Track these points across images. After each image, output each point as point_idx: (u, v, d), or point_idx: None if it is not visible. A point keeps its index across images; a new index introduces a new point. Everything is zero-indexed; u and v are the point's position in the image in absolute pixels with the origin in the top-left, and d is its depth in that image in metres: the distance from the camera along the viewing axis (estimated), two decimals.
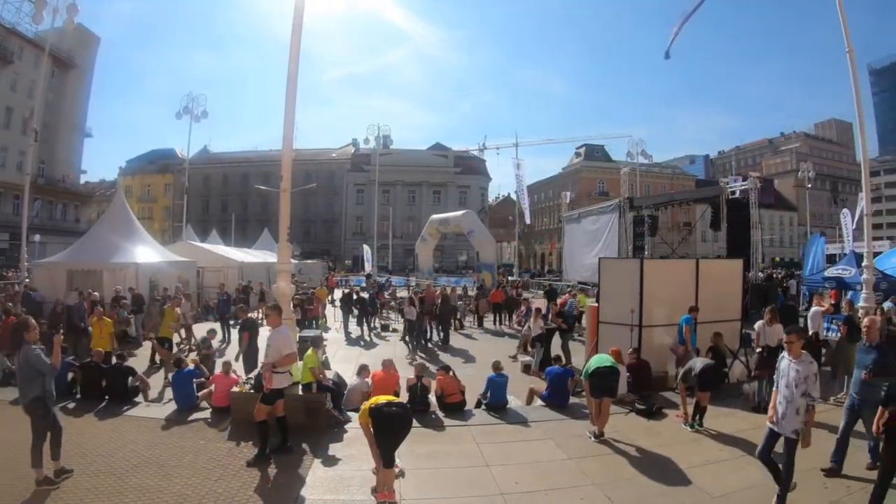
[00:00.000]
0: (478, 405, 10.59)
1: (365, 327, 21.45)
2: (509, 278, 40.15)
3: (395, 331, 22.11)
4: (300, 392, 9.46)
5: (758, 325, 11.33)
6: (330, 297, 27.51)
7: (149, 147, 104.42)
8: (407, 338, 19.23)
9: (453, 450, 8.30)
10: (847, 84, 16.25)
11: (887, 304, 15.99)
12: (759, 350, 10.94)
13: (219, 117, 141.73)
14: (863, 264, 16.05)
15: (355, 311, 21.58)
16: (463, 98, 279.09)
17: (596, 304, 14.14)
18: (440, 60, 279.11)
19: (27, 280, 22.00)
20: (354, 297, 22.07)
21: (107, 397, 10.63)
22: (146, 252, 22.67)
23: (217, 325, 18.57)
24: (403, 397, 9.66)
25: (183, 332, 17.43)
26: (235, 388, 9.78)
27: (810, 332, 12.39)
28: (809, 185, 66.07)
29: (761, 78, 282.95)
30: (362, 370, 11.03)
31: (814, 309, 13.15)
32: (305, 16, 10.62)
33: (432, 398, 10.30)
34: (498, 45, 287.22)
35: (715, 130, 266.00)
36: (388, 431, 6.43)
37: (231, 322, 19.40)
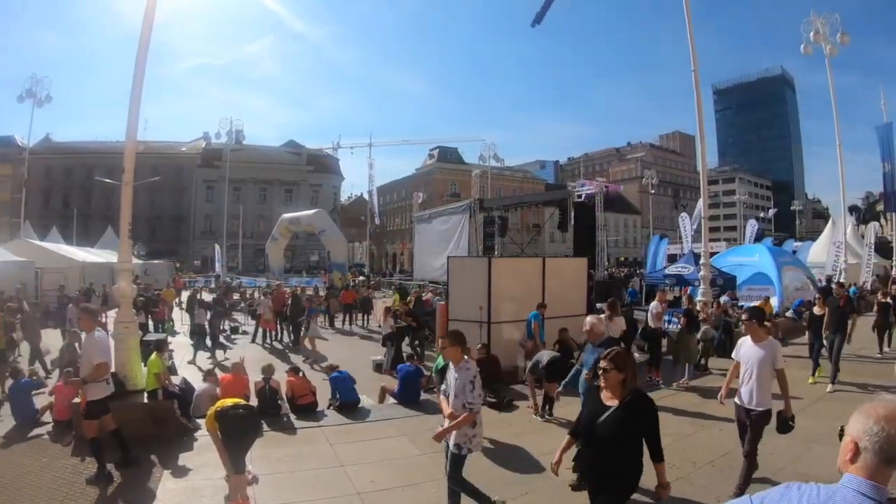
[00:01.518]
0: (329, 406, 10.49)
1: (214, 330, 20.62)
2: (360, 278, 40.12)
3: (244, 333, 21.70)
4: (146, 400, 8.95)
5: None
6: (177, 300, 26.31)
7: None
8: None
9: (307, 452, 8.22)
10: (692, 100, 17.62)
11: (723, 298, 18.17)
12: None
13: (64, 103, 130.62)
14: (700, 262, 17.46)
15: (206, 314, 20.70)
16: (321, 95, 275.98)
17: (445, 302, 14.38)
18: (300, 56, 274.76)
19: None
20: (202, 298, 21.31)
21: None
22: None
23: (57, 332, 17.29)
24: (257, 402, 9.52)
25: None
26: (77, 400, 9.08)
27: (652, 325, 13.29)
28: (653, 191, 71.27)
29: (613, 91, 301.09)
30: (209, 374, 10.70)
31: (653, 303, 14.05)
32: None
33: (283, 401, 10.12)
34: (361, 43, 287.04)
35: (566, 138, 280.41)
36: (235, 435, 6.19)
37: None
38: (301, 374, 10.80)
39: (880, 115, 33.29)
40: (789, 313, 19.72)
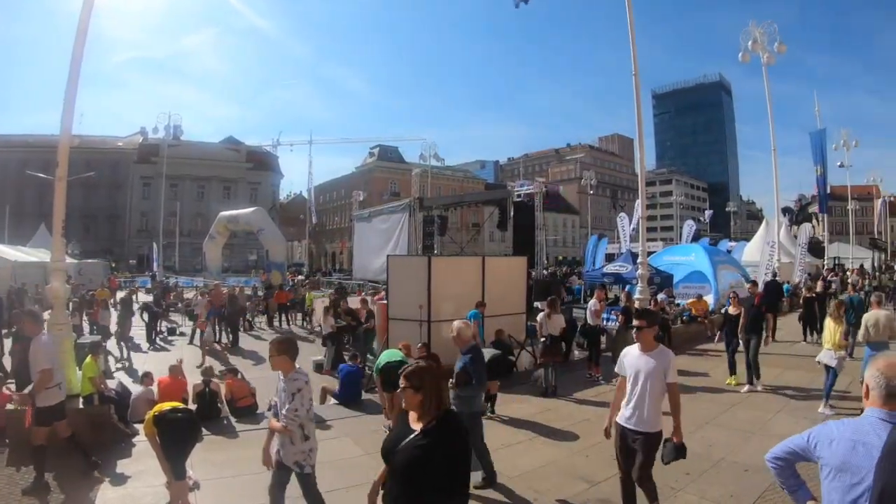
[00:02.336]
0: (269, 407, 10.30)
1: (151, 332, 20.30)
2: (299, 278, 39.65)
3: (182, 335, 21.25)
4: (81, 405, 8.59)
5: (540, 316, 12.08)
6: (113, 300, 25.56)
7: None
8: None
9: (249, 455, 7.89)
10: (631, 104, 17.98)
11: (660, 296, 18.61)
12: (542, 339, 11.63)
13: None
14: (638, 261, 17.81)
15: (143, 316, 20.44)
16: (262, 91, 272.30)
17: (385, 301, 14.39)
18: (242, 50, 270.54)
19: None
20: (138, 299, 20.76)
21: None
22: None
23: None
24: (196, 405, 9.28)
25: None
26: (10, 406, 8.61)
27: (591, 323, 13.43)
28: (591, 192, 72.26)
29: (554, 93, 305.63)
30: (146, 377, 10.40)
31: (592, 301, 14.27)
32: None
33: (223, 404, 9.95)
34: (304, 39, 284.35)
35: (507, 138, 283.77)
36: (175, 440, 6.05)
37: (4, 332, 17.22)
38: (240, 376, 10.66)
39: (814, 121, 34.80)
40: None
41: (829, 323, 10.09)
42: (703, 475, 6.90)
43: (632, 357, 5.39)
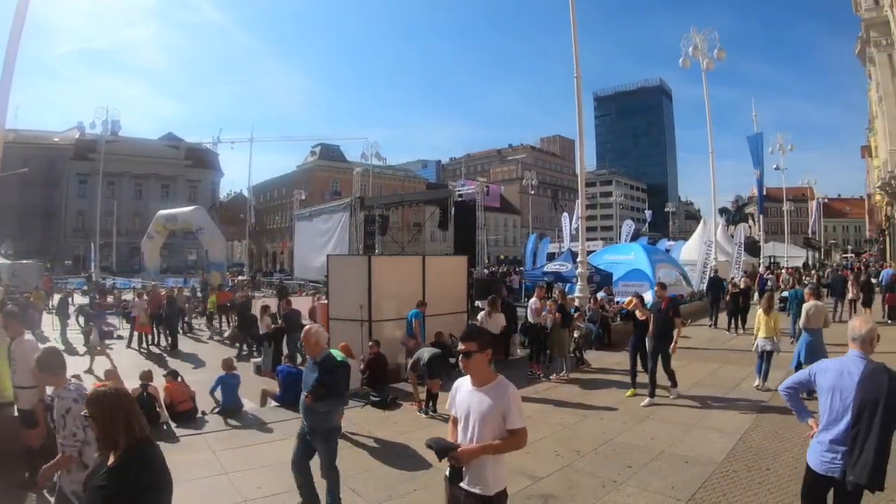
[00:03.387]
0: (211, 410, 10.18)
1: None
2: (239, 278, 39.03)
3: (119, 338, 20.58)
4: (16, 413, 8.21)
5: (480, 315, 12.11)
6: (48, 303, 24.69)
7: None
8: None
9: (189, 461, 7.76)
10: (573, 106, 18.43)
11: (600, 294, 18.85)
12: None
13: None
14: (577, 260, 18.01)
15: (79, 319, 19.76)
16: (203, 87, 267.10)
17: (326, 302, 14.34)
18: (185, 44, 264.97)
19: None
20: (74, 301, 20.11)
21: None
22: None
23: None
24: None
25: None
26: None
27: (531, 321, 13.52)
28: (532, 192, 72.90)
29: (497, 94, 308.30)
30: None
31: (532, 300, 14.40)
32: None
33: (162, 408, 9.71)
34: (247, 35, 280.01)
35: (449, 138, 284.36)
36: None
37: None
38: (179, 379, 10.40)
39: (752, 126, 35.96)
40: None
41: (760, 314, 11.41)
42: (645, 468, 7.02)
43: (463, 392, 3.87)
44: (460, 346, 3.84)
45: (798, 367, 9.75)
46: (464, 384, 3.91)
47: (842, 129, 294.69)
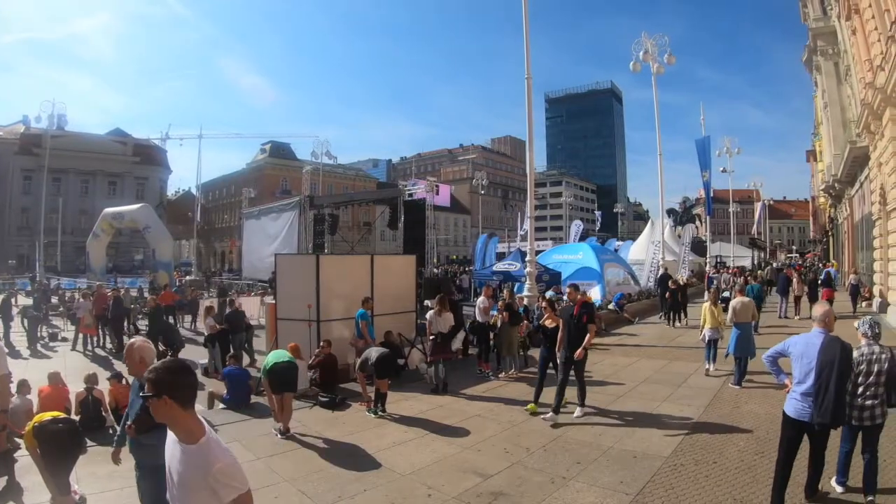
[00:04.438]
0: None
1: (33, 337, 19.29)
2: (187, 278, 38.38)
3: (64, 340, 20.11)
4: None
5: (429, 314, 12.05)
6: None
7: None
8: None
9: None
10: (524, 107, 18.45)
11: (549, 293, 18.63)
12: (432, 337, 11.61)
13: None
14: (526, 259, 18.14)
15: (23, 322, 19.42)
16: (153, 82, 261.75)
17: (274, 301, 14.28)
18: (136, 37, 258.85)
19: None
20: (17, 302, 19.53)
21: None
22: None
23: None
24: (79, 414, 8.87)
25: None
26: None
27: (480, 320, 13.67)
28: (482, 192, 73.19)
29: (449, 94, 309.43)
30: (22, 386, 9.64)
31: (480, 298, 14.48)
32: None
33: (107, 412, 9.53)
34: (197, 28, 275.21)
35: (401, 137, 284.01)
36: (56, 452, 5.70)
37: None
38: (125, 382, 10.11)
39: (700, 129, 36.79)
40: (611, 306, 21.43)
41: (706, 307, 12.64)
42: (594, 463, 7.08)
43: (169, 441, 2.93)
44: (147, 389, 2.77)
45: (736, 357, 11.18)
46: (170, 436, 2.94)
47: (789, 135, 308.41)
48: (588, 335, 9.23)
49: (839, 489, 5.86)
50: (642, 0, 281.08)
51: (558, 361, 9.60)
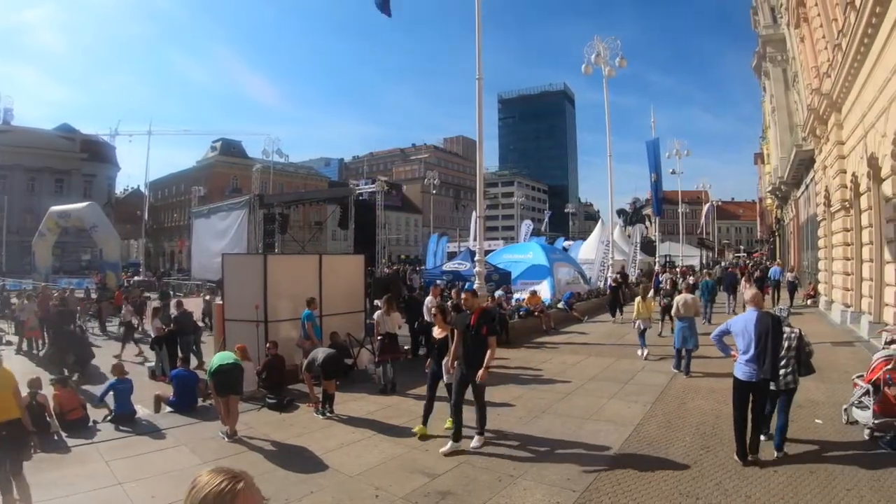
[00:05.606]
0: (104, 418, 9.69)
1: None
2: (135, 279, 37.60)
3: (8, 343, 19.43)
4: None
5: (377, 314, 12.03)
6: None
7: None
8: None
9: (81, 472, 7.38)
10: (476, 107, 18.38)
11: (498, 293, 19.26)
12: (380, 337, 11.58)
13: None
14: (476, 259, 18.23)
15: None
16: (102, 75, 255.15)
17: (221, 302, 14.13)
18: (84, 27, 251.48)
19: None
20: None
21: None
22: None
23: None
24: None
25: None
26: None
27: (428, 320, 13.63)
28: (434, 192, 73.27)
29: (402, 94, 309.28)
30: None
31: (429, 298, 14.58)
32: None
33: (52, 417, 9.16)
34: (147, 20, 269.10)
35: (353, 136, 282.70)
36: None
37: None
38: (69, 387, 9.89)
39: (650, 131, 37.49)
40: (561, 305, 21.65)
41: (638, 301, 14.70)
42: (541, 461, 7.15)
43: None
44: None
45: (677, 350, 12.34)
46: None
47: (737, 138, 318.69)
48: (489, 351, 7.72)
49: (763, 438, 7.14)
50: (595, 3, 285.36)
51: (449, 381, 8.48)
